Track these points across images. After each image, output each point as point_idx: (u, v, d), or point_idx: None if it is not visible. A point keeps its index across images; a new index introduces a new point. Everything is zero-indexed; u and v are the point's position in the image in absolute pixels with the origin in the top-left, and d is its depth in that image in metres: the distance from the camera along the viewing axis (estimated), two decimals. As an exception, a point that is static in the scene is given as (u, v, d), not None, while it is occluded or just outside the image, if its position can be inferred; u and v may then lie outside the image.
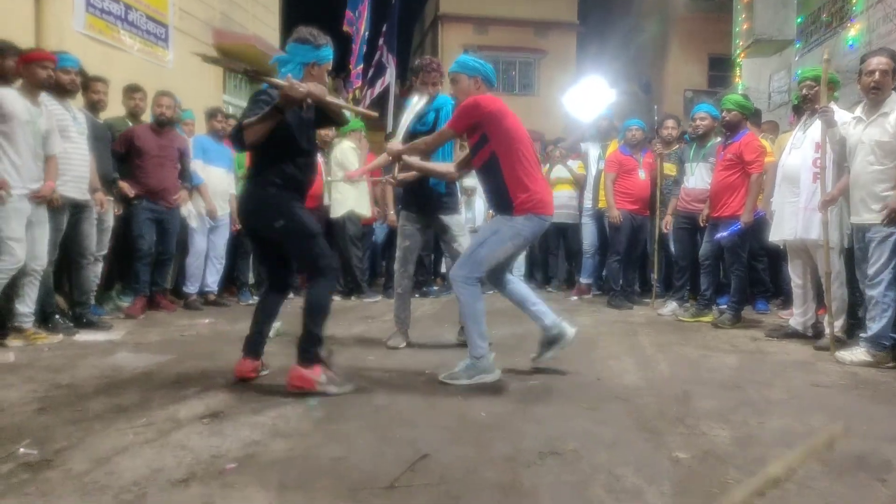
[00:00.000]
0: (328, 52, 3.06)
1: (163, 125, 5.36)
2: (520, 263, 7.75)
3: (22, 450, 2.21)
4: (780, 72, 11.64)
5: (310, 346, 2.91)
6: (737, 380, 3.43)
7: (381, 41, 9.28)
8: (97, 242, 4.83)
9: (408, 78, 22.22)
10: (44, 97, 4.16)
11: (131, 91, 5.42)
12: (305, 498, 1.91)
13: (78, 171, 4.45)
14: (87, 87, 4.93)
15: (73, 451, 2.21)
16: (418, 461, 2.19)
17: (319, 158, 6.80)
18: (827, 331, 4.21)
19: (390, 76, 9.60)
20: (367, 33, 9.06)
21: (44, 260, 4.16)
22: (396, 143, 3.78)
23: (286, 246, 3.10)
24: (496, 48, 21.11)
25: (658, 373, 3.56)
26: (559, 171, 7.51)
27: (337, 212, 6.55)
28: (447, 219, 4.13)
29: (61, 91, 4.38)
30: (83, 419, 2.55)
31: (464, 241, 4.04)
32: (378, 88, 9.64)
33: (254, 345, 3.19)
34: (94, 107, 4.98)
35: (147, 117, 5.49)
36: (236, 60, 3.24)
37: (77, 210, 4.51)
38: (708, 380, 3.42)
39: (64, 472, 2.05)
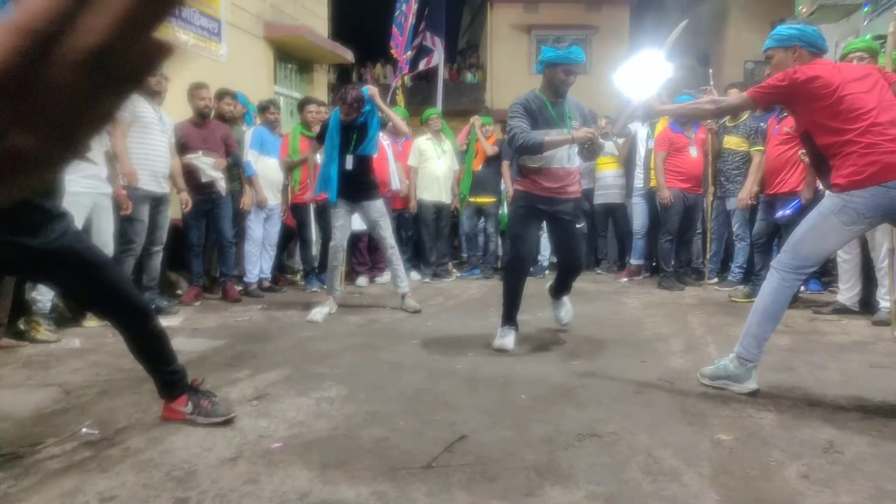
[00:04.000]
0: None
1: (204, 117, 5.37)
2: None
3: (84, 430, 2.36)
4: (848, 38, 11.01)
5: (169, 380, 2.47)
6: (790, 361, 3.33)
7: (422, 26, 9.24)
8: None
9: (455, 61, 22.04)
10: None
11: (197, 89, 5.39)
12: (346, 476, 1.98)
13: (156, 167, 4.78)
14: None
15: (131, 431, 2.35)
16: (456, 442, 2.23)
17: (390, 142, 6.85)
18: (883, 305, 4.04)
19: (438, 58, 9.57)
20: (414, 21, 9.04)
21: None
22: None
23: None
24: (547, 26, 20.73)
25: (706, 355, 3.48)
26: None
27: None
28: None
29: (150, 92, 4.74)
30: (142, 401, 2.69)
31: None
32: (421, 67, 9.65)
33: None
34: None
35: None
36: None
37: (155, 202, 4.84)
38: (760, 362, 3.32)
39: (122, 450, 2.18)
